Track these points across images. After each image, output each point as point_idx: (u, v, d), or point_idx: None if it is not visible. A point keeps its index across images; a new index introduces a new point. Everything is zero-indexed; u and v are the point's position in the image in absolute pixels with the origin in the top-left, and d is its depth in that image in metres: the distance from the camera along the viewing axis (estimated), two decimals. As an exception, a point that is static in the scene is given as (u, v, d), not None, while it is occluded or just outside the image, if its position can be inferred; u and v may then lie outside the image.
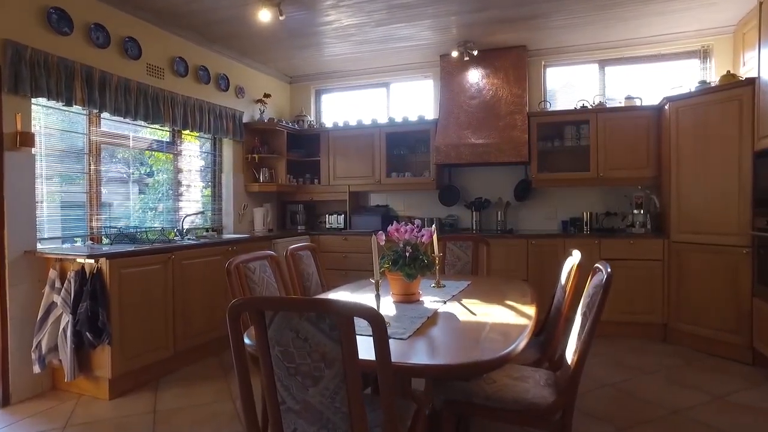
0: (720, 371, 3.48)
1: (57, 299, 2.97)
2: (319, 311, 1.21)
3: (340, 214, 5.59)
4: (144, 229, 3.70)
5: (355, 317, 1.20)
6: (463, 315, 2.05)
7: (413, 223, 2.38)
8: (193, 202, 4.67)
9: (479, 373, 1.43)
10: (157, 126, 4.17)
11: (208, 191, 4.91)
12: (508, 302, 2.30)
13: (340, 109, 6.07)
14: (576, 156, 4.90)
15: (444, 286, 2.70)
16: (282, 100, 5.92)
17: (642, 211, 4.39)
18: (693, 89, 4.16)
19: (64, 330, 2.92)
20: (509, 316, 2.02)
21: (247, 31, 4.43)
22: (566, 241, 4.51)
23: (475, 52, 4.85)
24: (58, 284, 3.00)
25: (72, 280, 2.93)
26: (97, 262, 2.94)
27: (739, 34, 4.35)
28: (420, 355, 1.50)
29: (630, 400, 2.96)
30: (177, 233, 4.22)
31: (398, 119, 5.42)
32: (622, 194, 4.85)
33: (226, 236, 4.63)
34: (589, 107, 4.75)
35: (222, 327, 3.98)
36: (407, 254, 2.21)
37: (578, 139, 4.82)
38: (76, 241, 3.55)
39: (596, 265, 1.99)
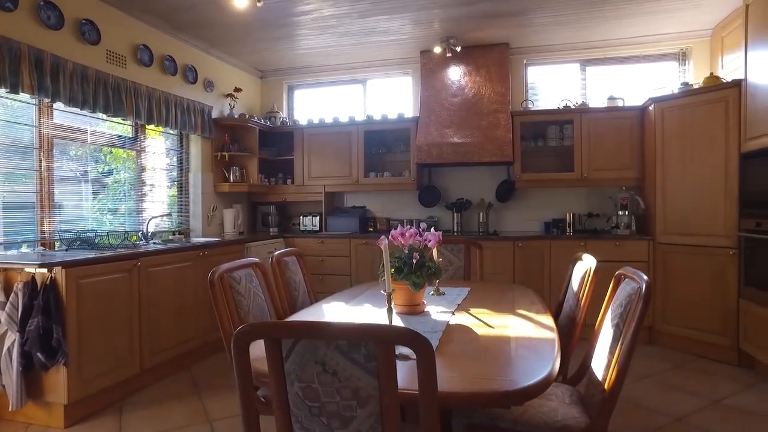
0: (709, 373, 3.46)
1: (1, 315, 2.58)
2: (355, 338, 0.98)
3: (316, 216, 5.33)
4: (105, 233, 3.33)
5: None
6: (479, 328, 1.86)
7: (417, 227, 2.18)
8: (158, 203, 4.29)
9: (526, 400, 1.24)
10: (118, 119, 3.78)
11: (174, 191, 4.54)
12: (520, 311, 2.13)
13: (314, 106, 5.80)
14: (559, 156, 4.84)
15: (444, 293, 2.51)
16: (252, 95, 5.59)
17: (627, 212, 4.36)
18: (675, 91, 4.16)
19: (9, 350, 2.54)
20: (529, 329, 1.84)
21: (218, 20, 4.10)
22: (552, 242, 4.42)
23: (459, 48, 4.70)
24: (2, 298, 2.61)
25: (19, 293, 2.55)
26: (50, 271, 2.57)
27: (717, 38, 4.40)
28: (453, 381, 1.29)
29: (632, 407, 2.86)
30: (141, 237, 3.85)
31: (377, 117, 5.21)
32: (604, 195, 4.82)
33: (195, 240, 4.28)
34: (572, 107, 4.69)
35: (194, 339, 3.65)
36: (414, 261, 2.00)
37: (561, 140, 4.76)
38: (23, 247, 3.14)
39: (621, 271, 1.85)
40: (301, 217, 5.37)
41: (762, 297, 3.34)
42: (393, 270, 2.05)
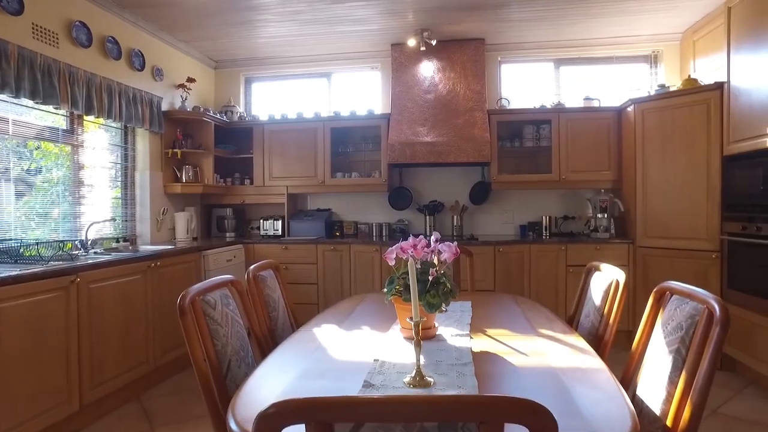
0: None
1: None
2: (449, 416, 0.66)
3: (277, 219, 4.90)
4: (34, 243, 2.77)
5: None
6: (511, 356, 1.58)
7: (425, 236, 1.87)
8: (98, 207, 3.72)
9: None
10: (49, 108, 3.21)
11: (117, 192, 3.97)
12: (543, 331, 1.88)
13: (274, 101, 5.36)
14: (535, 157, 4.71)
15: (445, 309, 2.21)
16: (205, 87, 5.08)
17: (606, 215, 4.27)
18: (652, 92, 4.11)
19: None
20: (569, 355, 1.59)
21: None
22: (531, 247, 4.26)
23: (434, 42, 4.44)
24: None
25: None
26: (-40, 294, 2.05)
27: (688, 42, 4.40)
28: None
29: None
30: (79, 246, 3.29)
31: (344, 113, 4.86)
32: (579, 198, 4.74)
33: (143, 248, 3.75)
34: (549, 107, 4.56)
35: (144, 364, 3.15)
36: (430, 277, 1.69)
37: (538, 140, 4.62)
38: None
39: (666, 286, 1.63)
40: (262, 220, 4.93)
41: (745, 300, 3.31)
42: (400, 288, 1.74)
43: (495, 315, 2.16)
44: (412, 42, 4.47)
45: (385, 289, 1.80)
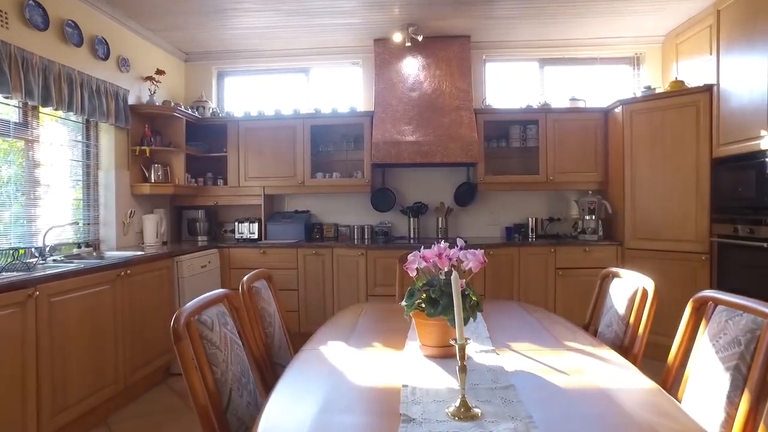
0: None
1: None
2: None
3: (253, 222, 4.62)
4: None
5: None
6: (550, 375, 1.43)
7: (442, 243, 1.70)
8: (57, 209, 3.35)
9: None
10: (-1, 98, 2.85)
11: (79, 193, 3.61)
12: (570, 343, 1.74)
13: (248, 96, 5.07)
14: (522, 158, 4.63)
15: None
16: (175, 81, 4.74)
17: (594, 217, 4.23)
18: (638, 94, 4.10)
19: None
20: (611, 372, 1.45)
21: (140, -20, 3.31)
22: (520, 249, 4.17)
23: (420, 38, 4.29)
24: None
25: None
26: None
27: (671, 45, 4.42)
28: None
29: None
30: (36, 253, 2.93)
31: (325, 110, 4.63)
32: (565, 199, 4.70)
33: (109, 254, 3.41)
34: (535, 107, 4.49)
35: (112, 384, 2.84)
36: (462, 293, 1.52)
37: (524, 140, 4.54)
38: None
39: (707, 294, 1.52)
40: (237, 223, 4.63)
41: (737, 303, 3.31)
42: (422, 302, 1.55)
43: (511, 326, 2.01)
44: (398, 37, 4.30)
45: (404, 303, 1.61)
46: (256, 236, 4.58)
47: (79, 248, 3.41)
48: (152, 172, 4.05)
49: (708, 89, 3.58)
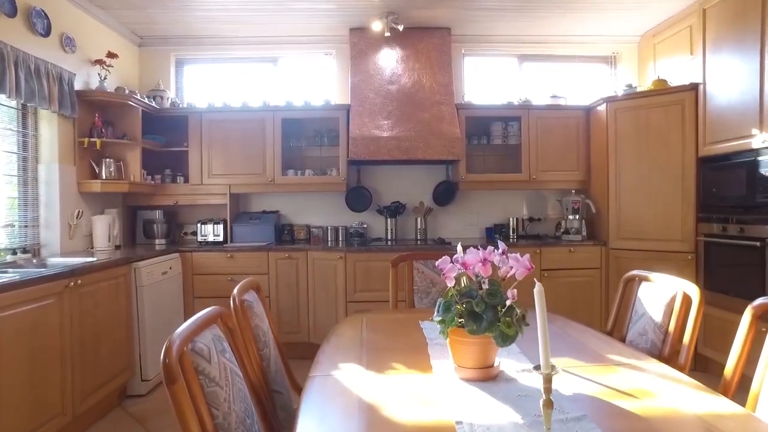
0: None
1: None
2: None
3: (218, 223, 4.23)
4: None
5: None
6: (617, 399, 1.23)
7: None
8: (-14, 209, 2.86)
9: None
10: None
11: (14, 190, 3.11)
12: (613, 357, 1.55)
13: (210, 87, 4.65)
14: (503, 156, 4.50)
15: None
16: (127, 67, 4.26)
17: (578, 217, 4.15)
18: (620, 93, 4.05)
19: None
20: (683, 393, 1.26)
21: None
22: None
23: (401, 27, 4.05)
24: None
25: None
26: None
27: (647, 45, 4.42)
28: None
29: None
30: (-40, 263, 2.45)
31: (297, 102, 4.31)
32: (546, 199, 4.61)
33: (52, 260, 2.95)
34: (516, 104, 4.37)
35: (59, 416, 2.41)
36: (506, 302, 1.29)
37: (505, 138, 4.41)
38: None
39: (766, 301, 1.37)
40: (199, 224, 4.22)
41: (722, 300, 3.30)
42: (463, 315, 1.31)
43: (536, 338, 1.81)
44: (377, 26, 4.05)
45: (437, 318, 1.36)
46: (221, 239, 4.18)
47: (15, 255, 2.93)
48: (103, 167, 3.58)
49: (693, 88, 3.55)
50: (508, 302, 1.30)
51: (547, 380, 0.95)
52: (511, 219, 4.45)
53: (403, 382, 1.38)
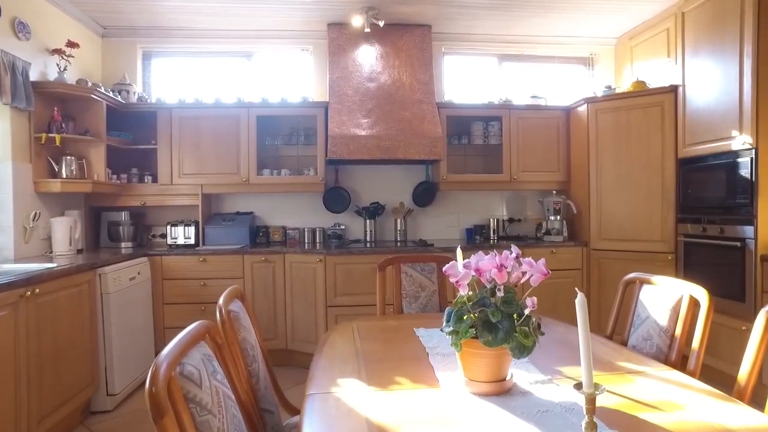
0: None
1: None
2: None
3: (189, 225, 4.01)
4: None
5: None
6: (643, 412, 1.16)
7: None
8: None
9: None
10: None
11: (-38, 191, 2.83)
12: (625, 365, 1.48)
13: (180, 81, 4.42)
14: (483, 156, 4.46)
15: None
16: (89, 58, 3.98)
17: (559, 218, 4.14)
18: (599, 94, 4.07)
19: None
20: (712, 406, 1.20)
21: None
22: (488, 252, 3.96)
23: (381, 23, 3.94)
24: None
25: None
26: None
27: (624, 47, 4.46)
28: None
29: None
30: None
31: (274, 99, 4.14)
32: (525, 199, 4.59)
33: (6, 267, 2.68)
34: (496, 103, 4.33)
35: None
36: (520, 312, 1.20)
37: (486, 138, 4.36)
38: None
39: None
40: (169, 227, 3.99)
41: (704, 301, 3.33)
42: (477, 324, 1.21)
43: (543, 345, 1.73)
44: (357, 21, 3.92)
45: (448, 328, 1.26)
46: (192, 241, 3.97)
47: (-36, 261, 2.66)
48: (63, 165, 3.32)
49: (672, 90, 3.59)
50: (527, 311, 1.21)
51: (591, 401, 0.86)
52: (491, 220, 4.41)
53: (411, 399, 1.27)
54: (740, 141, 3.00)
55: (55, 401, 2.47)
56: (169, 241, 3.96)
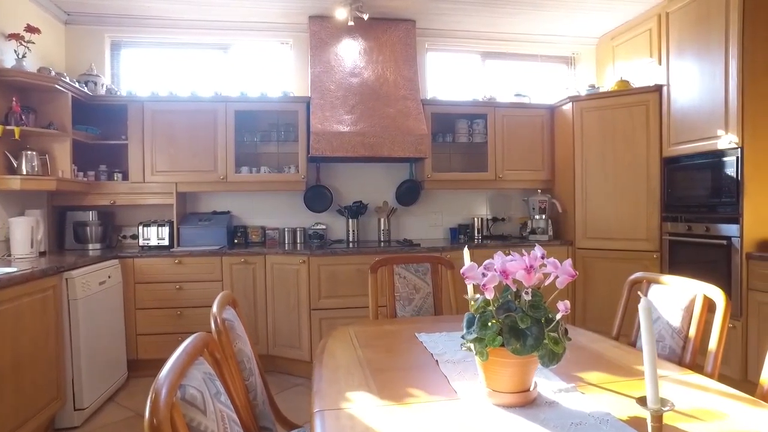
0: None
1: None
2: None
3: (163, 225, 3.79)
4: None
5: None
6: (683, 422, 1.08)
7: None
8: None
9: None
10: None
11: None
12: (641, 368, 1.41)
13: (153, 73, 4.19)
14: (468, 154, 4.40)
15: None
16: (51, 46, 3.71)
17: (544, 217, 4.12)
18: (582, 93, 4.07)
19: None
20: (753, 415, 1.13)
21: None
22: (475, 252, 3.89)
23: (366, 16, 3.82)
24: None
25: None
26: None
27: (606, 47, 4.48)
28: None
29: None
30: None
31: (253, 93, 3.96)
32: (509, 198, 4.56)
33: (-40, 273, 2.44)
34: (480, 100, 4.27)
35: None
36: (558, 316, 1.11)
37: (470, 136, 4.30)
38: None
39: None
40: (141, 227, 3.76)
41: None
42: (503, 331, 1.11)
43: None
44: (341, 13, 3.79)
45: (471, 335, 1.15)
46: (166, 242, 3.76)
47: None
48: (23, 161, 3.06)
49: (657, 89, 3.61)
50: (559, 316, 1.12)
51: (657, 419, 0.77)
52: (475, 219, 4.35)
53: (430, 413, 1.16)
54: (726, 140, 3.03)
55: (15, 420, 2.25)
56: (141, 242, 3.73)
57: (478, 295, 1.74)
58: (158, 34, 4.09)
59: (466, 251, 1.70)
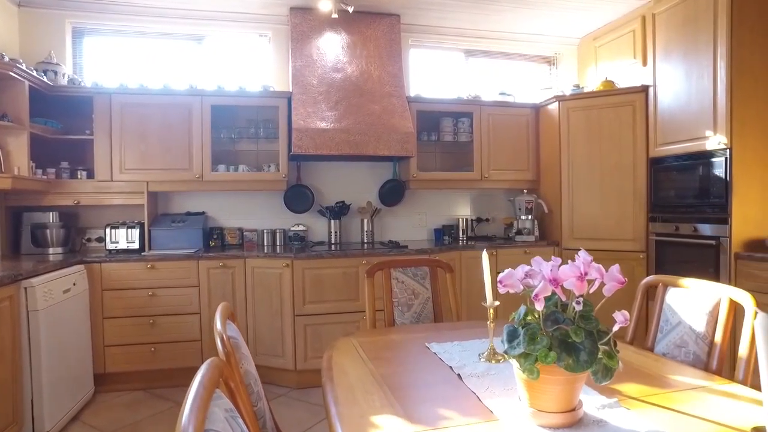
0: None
1: None
2: None
3: (133, 227, 3.52)
4: None
5: None
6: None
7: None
8: None
9: None
10: None
11: None
12: (680, 378, 1.34)
13: (119, 65, 3.90)
14: (453, 153, 4.31)
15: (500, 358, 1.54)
16: (2, 30, 3.39)
17: (531, 217, 4.07)
18: (567, 93, 4.05)
19: None
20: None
21: None
22: (462, 254, 3.82)
23: (351, 9, 3.68)
24: None
25: None
26: None
27: (588, 47, 4.49)
28: None
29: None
30: None
31: (230, 87, 3.75)
32: (493, 198, 4.50)
33: None
34: (465, 98, 4.19)
35: None
36: (597, 330, 1.01)
37: (456, 134, 4.21)
38: None
39: None
40: (109, 229, 3.48)
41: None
42: (554, 345, 1.00)
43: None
44: (326, 5, 3.62)
45: (515, 350, 1.03)
46: (136, 246, 3.49)
47: None
48: (-25, 156, 2.76)
49: (644, 90, 3.62)
50: (616, 327, 1.01)
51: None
52: (460, 220, 4.27)
53: (473, 439, 1.04)
54: (715, 141, 3.04)
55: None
56: (109, 245, 3.45)
57: (497, 302, 1.63)
58: (126, 21, 3.81)
59: (484, 255, 1.60)
